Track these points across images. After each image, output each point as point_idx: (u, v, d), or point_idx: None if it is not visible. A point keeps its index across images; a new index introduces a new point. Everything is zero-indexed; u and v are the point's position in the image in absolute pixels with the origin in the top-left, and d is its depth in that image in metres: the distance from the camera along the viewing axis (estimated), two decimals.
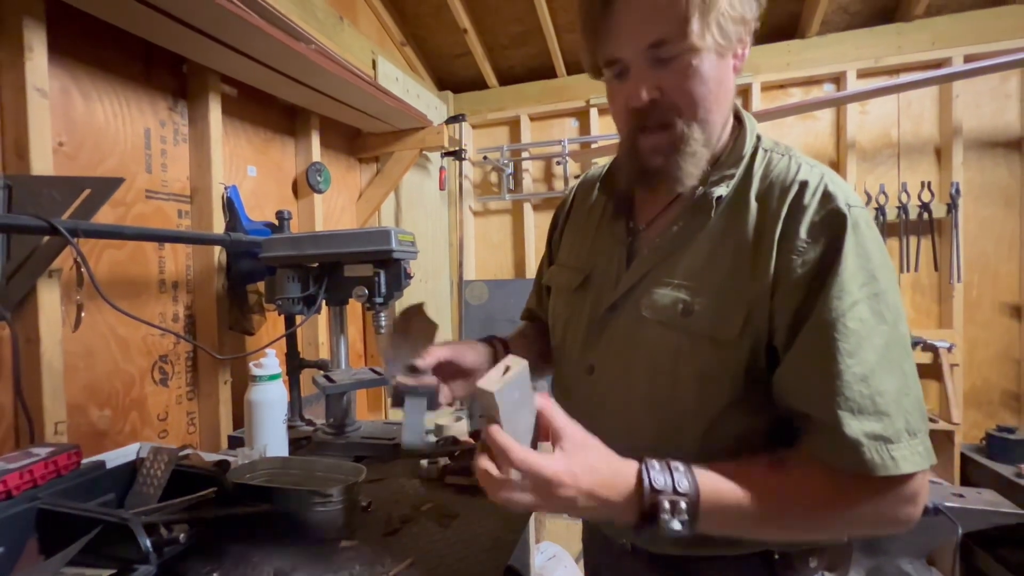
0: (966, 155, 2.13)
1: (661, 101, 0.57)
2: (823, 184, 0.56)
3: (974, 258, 2.15)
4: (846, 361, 0.50)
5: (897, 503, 0.51)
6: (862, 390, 0.50)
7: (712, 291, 0.58)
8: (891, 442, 0.49)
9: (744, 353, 0.56)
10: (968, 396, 2.16)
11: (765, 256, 0.55)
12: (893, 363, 0.51)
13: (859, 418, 0.49)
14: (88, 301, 1.06)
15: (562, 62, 2.55)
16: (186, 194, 1.34)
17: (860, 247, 0.52)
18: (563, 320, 0.74)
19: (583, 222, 0.78)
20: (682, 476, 0.50)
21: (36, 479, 0.73)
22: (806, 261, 0.53)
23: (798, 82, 2.34)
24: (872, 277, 0.52)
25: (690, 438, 0.59)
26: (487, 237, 2.88)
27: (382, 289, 1.16)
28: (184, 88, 1.34)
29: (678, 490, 0.49)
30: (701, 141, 0.58)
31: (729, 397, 0.57)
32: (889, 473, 0.48)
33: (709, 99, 0.57)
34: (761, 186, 0.59)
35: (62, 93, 1.07)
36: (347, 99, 1.64)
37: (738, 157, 0.62)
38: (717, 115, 0.60)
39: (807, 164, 0.59)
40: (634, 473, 0.50)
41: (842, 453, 0.50)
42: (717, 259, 0.59)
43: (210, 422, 1.35)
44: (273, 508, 0.77)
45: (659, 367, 0.60)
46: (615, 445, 0.63)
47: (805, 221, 0.54)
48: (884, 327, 0.51)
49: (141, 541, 0.62)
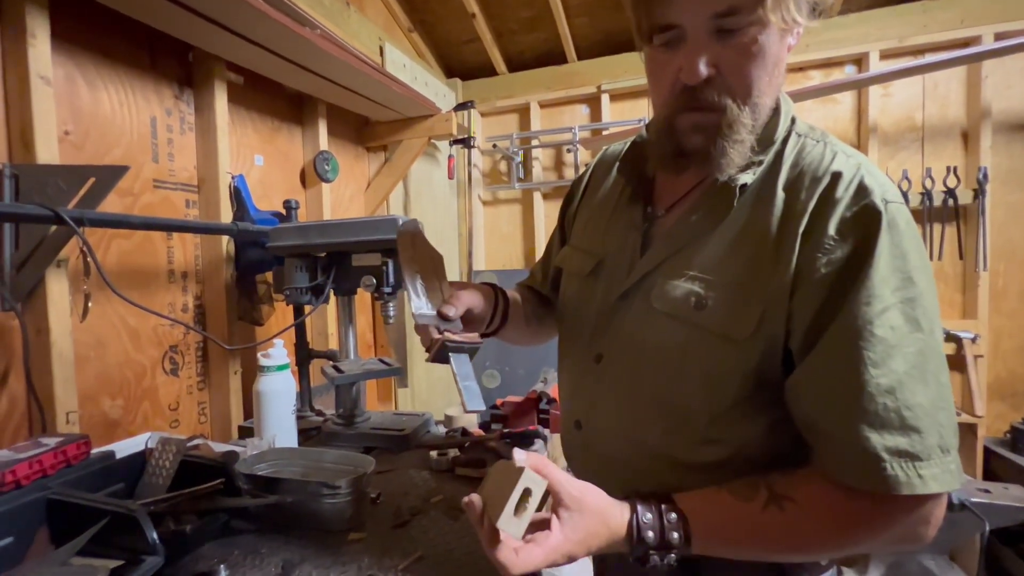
0: (995, 138, 2.04)
1: (715, 80, 0.52)
2: (859, 176, 0.51)
3: (1001, 245, 2.07)
4: (871, 372, 0.46)
5: (916, 524, 0.47)
6: (887, 403, 0.46)
7: (727, 286, 0.54)
8: (920, 459, 0.45)
9: (756, 353, 0.53)
10: (992, 388, 2.10)
11: (787, 251, 0.51)
12: (928, 374, 0.47)
13: (882, 433, 0.46)
14: (97, 291, 1.06)
15: (572, 47, 2.49)
16: (193, 184, 1.33)
17: (896, 247, 0.48)
18: (573, 306, 0.71)
19: (599, 203, 0.74)
20: (671, 530, 0.50)
21: (45, 469, 0.72)
22: (832, 260, 0.49)
23: (817, 64, 2.26)
24: (908, 280, 0.48)
25: (694, 435, 0.57)
26: (497, 227, 2.85)
27: (390, 278, 1.14)
28: (190, 76, 1.32)
29: (670, 542, 0.50)
30: (749, 127, 0.54)
31: (736, 397, 0.54)
32: (914, 492, 0.45)
33: (764, 80, 0.52)
34: (790, 174, 0.55)
35: (67, 81, 1.06)
36: (354, 86, 1.62)
37: (768, 142, 0.57)
38: (768, 99, 0.55)
39: (844, 153, 0.54)
40: (624, 525, 0.50)
41: (859, 470, 0.47)
42: (736, 252, 0.55)
43: (221, 412, 1.35)
44: (281, 499, 0.76)
45: (666, 361, 0.57)
46: (621, 436, 0.62)
47: (835, 216, 0.50)
48: (919, 335, 0.47)
49: (148, 532, 0.61)
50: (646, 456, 0.60)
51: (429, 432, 1.24)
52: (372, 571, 0.67)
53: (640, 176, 0.67)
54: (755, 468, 0.55)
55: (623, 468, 0.62)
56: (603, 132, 2.53)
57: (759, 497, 0.50)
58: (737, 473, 0.54)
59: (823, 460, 0.50)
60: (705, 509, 0.51)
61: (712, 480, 0.55)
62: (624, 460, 0.62)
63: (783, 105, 0.59)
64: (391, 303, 1.21)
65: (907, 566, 1.49)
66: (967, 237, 2.09)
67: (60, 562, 0.59)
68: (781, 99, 0.59)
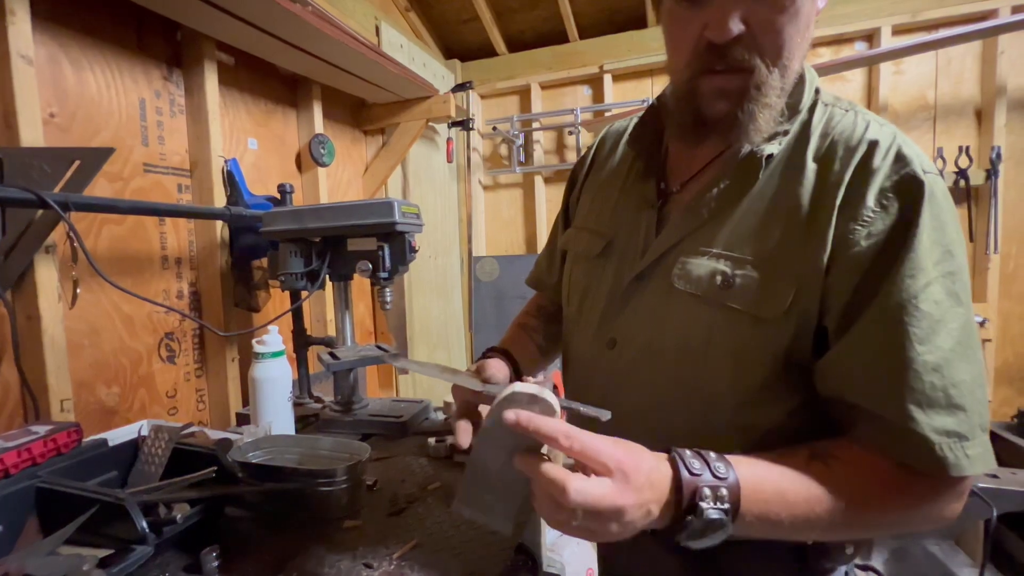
0: (1009, 117, 1.98)
1: (744, 38, 0.48)
2: (896, 145, 0.48)
3: (1012, 228, 2.03)
4: (916, 348, 0.44)
5: (953, 501, 0.46)
6: (934, 381, 0.44)
7: (757, 263, 0.51)
8: (967, 439, 0.43)
9: (788, 334, 0.50)
10: (1000, 372, 2.07)
11: (822, 225, 0.48)
12: (969, 350, 0.45)
13: (929, 413, 0.44)
14: (90, 278, 1.04)
15: (574, 25, 2.43)
16: (185, 168, 1.30)
17: (936, 219, 0.46)
18: (581, 289, 0.68)
19: (606, 181, 0.70)
20: (717, 462, 0.44)
21: (35, 457, 0.71)
22: (872, 233, 0.46)
23: (827, 41, 2.19)
24: (948, 253, 0.46)
25: (721, 421, 0.54)
26: (497, 212, 2.81)
27: (386, 263, 1.12)
28: (179, 56, 1.28)
29: (717, 474, 0.43)
30: (778, 90, 0.50)
31: (765, 380, 0.52)
32: (963, 473, 0.43)
33: (796, 40, 0.49)
34: (821, 144, 0.52)
35: (50, 61, 1.02)
36: (349, 67, 1.57)
37: (794, 110, 0.54)
38: (797, 63, 0.51)
39: (876, 122, 0.51)
40: (667, 461, 0.44)
41: (908, 449, 0.44)
42: (764, 227, 0.52)
43: (219, 400, 1.34)
44: (275, 487, 0.75)
45: (690, 344, 0.54)
46: (641, 425, 0.58)
47: (874, 187, 0.47)
48: (960, 309, 0.45)
49: (137, 521, 0.60)
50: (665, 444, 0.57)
51: (428, 419, 1.22)
52: (367, 559, 0.66)
53: (652, 150, 0.64)
54: None
55: None
56: (606, 114, 2.48)
57: (801, 453, 0.47)
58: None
59: (864, 437, 0.47)
60: (749, 461, 0.46)
61: None
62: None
63: (807, 73, 0.56)
64: (388, 288, 1.19)
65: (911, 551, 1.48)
66: (978, 219, 2.04)
67: (47, 551, 0.58)
68: (805, 67, 0.56)
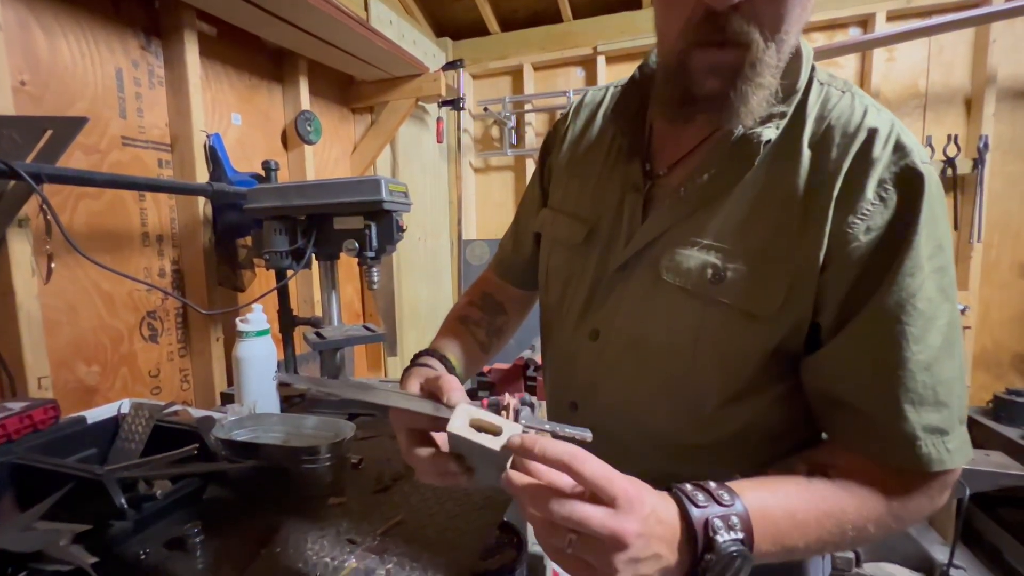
0: (998, 106, 1.99)
1: (743, 6, 0.43)
2: (895, 134, 0.46)
3: (996, 217, 2.05)
4: (912, 348, 0.43)
5: (941, 492, 0.46)
6: (925, 380, 0.43)
7: (749, 256, 0.49)
8: (947, 433, 0.44)
9: (780, 330, 0.48)
10: (977, 358, 2.12)
11: (818, 218, 0.46)
12: (954, 346, 0.45)
13: (919, 410, 0.44)
14: (67, 254, 1.02)
15: (568, 5, 2.38)
16: (166, 142, 1.26)
17: (932, 213, 0.44)
18: (563, 277, 0.64)
19: (583, 158, 0.66)
20: (719, 490, 0.40)
21: (10, 434, 0.70)
22: (871, 228, 0.45)
23: (820, 26, 2.18)
24: (939, 248, 0.45)
25: (705, 414, 0.53)
26: (488, 194, 2.79)
27: (373, 243, 1.10)
28: (157, 25, 1.24)
29: (723, 503, 0.39)
30: (773, 68, 0.46)
31: (752, 374, 0.51)
32: (945, 467, 0.43)
33: (796, 13, 0.45)
34: (816, 129, 0.49)
35: (20, 27, 0.98)
36: (337, 41, 1.53)
37: (791, 90, 0.50)
38: (794, 37, 0.47)
39: (874, 107, 0.48)
40: (670, 498, 0.40)
41: (892, 447, 0.44)
42: (757, 217, 0.49)
43: (203, 379, 1.33)
44: (257, 464, 0.75)
45: (677, 339, 0.52)
46: (624, 417, 0.57)
47: (873, 178, 0.45)
48: (948, 305, 0.45)
49: (115, 497, 0.59)
50: (647, 438, 0.57)
51: None
52: (351, 535, 0.66)
53: (636, 127, 0.60)
54: (762, 443, 0.53)
55: (623, 451, 0.56)
56: None
57: (799, 469, 0.46)
58: (744, 449, 0.52)
59: (847, 436, 0.47)
60: (751, 484, 0.43)
61: (717, 459, 0.52)
62: (626, 443, 0.58)
63: (803, 48, 0.51)
64: (375, 268, 1.17)
65: None
66: (963, 208, 2.06)
67: (24, 526, 0.58)
68: (801, 42, 0.52)
